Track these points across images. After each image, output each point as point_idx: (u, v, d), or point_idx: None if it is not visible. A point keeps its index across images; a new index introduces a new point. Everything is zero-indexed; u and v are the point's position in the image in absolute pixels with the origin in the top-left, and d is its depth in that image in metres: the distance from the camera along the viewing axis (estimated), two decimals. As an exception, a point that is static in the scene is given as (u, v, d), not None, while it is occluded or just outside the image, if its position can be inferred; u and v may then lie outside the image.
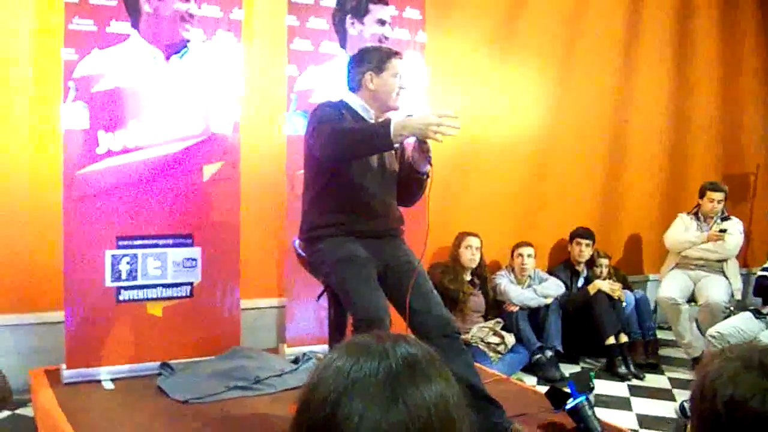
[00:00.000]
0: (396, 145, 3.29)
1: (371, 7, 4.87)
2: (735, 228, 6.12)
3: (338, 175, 3.46)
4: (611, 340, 5.59)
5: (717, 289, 5.86)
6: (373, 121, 3.53)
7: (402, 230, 3.69)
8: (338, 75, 4.75)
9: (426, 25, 5.11)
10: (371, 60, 3.52)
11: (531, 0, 6.10)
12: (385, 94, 3.51)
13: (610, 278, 6.06)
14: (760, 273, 5.35)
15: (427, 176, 3.52)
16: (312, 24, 4.73)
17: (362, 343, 1.16)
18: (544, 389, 4.72)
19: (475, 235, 5.50)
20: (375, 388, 1.07)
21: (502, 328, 5.48)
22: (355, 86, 3.56)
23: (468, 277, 5.53)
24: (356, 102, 3.54)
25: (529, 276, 5.80)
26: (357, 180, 3.48)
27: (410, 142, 3.40)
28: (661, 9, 6.81)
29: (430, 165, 3.44)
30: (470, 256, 5.48)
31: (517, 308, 5.59)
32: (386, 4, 4.92)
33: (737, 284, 6.08)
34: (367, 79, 3.50)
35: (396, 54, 3.55)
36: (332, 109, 3.47)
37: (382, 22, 4.89)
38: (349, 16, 4.82)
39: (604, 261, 6.14)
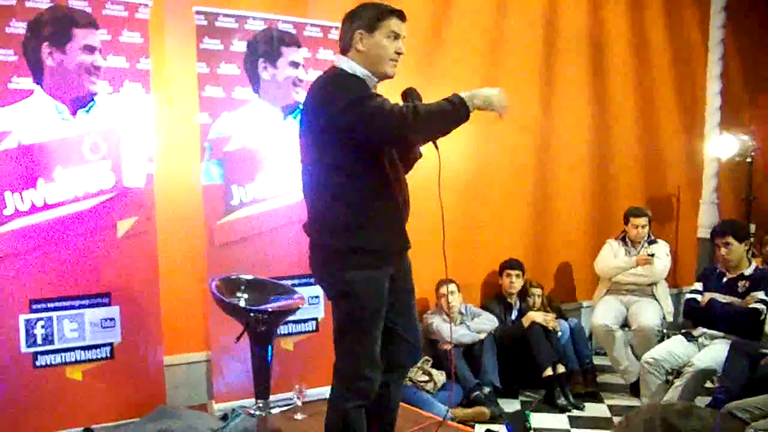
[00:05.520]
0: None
1: (283, 50, 4.78)
2: (662, 251, 6.18)
3: (375, 173, 3.13)
4: (549, 372, 5.55)
5: (649, 313, 5.90)
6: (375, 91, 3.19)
7: None
8: (253, 121, 4.70)
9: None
10: (362, 17, 3.12)
11: (451, 34, 6.10)
12: (377, 58, 3.12)
13: (543, 308, 6.05)
14: (688, 295, 5.37)
15: (420, 155, 3.34)
16: (223, 70, 4.62)
17: None
18: (481, 429, 4.69)
19: None
20: None
21: (435, 366, 5.38)
22: (344, 47, 3.18)
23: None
24: (355, 68, 3.13)
25: (461, 312, 5.70)
26: (392, 178, 3.17)
27: None
28: (577, 41, 6.89)
29: (436, 147, 3.19)
30: None
31: (452, 346, 5.50)
32: (299, 46, 4.84)
33: (668, 307, 6.13)
34: (357, 39, 3.11)
35: (393, 12, 3.13)
36: (355, 79, 3.08)
37: (295, 65, 4.81)
38: (261, 60, 4.72)
39: (537, 291, 6.12)
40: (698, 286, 5.36)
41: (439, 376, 5.30)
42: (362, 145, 3.07)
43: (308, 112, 3.18)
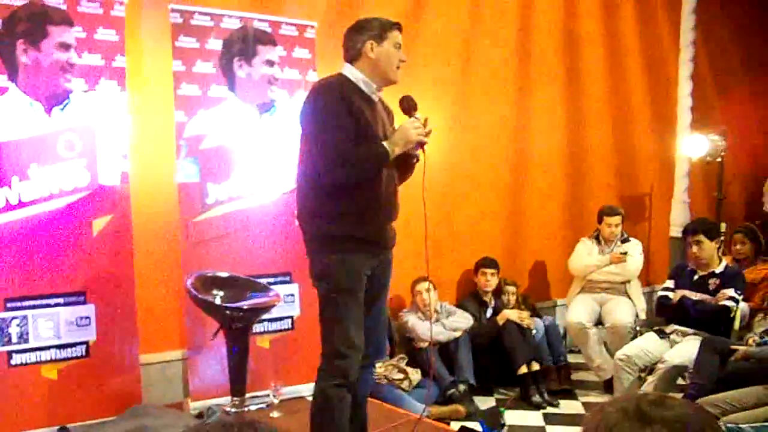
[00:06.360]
0: None
1: (259, 48, 4.78)
2: (635, 249, 6.24)
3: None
4: (524, 369, 5.60)
5: (622, 311, 5.95)
6: (374, 96, 3.46)
7: None
8: (229, 119, 4.69)
9: (317, 65, 5.05)
10: (372, 28, 3.41)
11: (424, 34, 6.11)
12: (386, 65, 3.41)
13: (518, 306, 6.09)
14: (660, 293, 5.44)
15: (417, 159, 3.59)
16: (199, 68, 4.62)
17: None
18: (456, 426, 4.70)
19: None
20: None
21: (410, 364, 5.40)
22: (354, 55, 3.43)
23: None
24: (357, 75, 3.41)
25: (436, 310, 5.71)
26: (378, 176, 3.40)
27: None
28: (551, 43, 6.94)
29: (423, 149, 3.51)
30: None
31: (428, 345, 5.52)
32: (274, 44, 4.85)
33: (641, 304, 6.19)
34: (368, 48, 3.38)
35: (396, 24, 3.45)
36: (336, 101, 3.28)
37: (270, 63, 4.81)
38: (236, 58, 4.72)
39: (511, 288, 6.17)
40: (670, 283, 5.44)
41: (414, 374, 5.32)
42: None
43: (303, 108, 3.39)
